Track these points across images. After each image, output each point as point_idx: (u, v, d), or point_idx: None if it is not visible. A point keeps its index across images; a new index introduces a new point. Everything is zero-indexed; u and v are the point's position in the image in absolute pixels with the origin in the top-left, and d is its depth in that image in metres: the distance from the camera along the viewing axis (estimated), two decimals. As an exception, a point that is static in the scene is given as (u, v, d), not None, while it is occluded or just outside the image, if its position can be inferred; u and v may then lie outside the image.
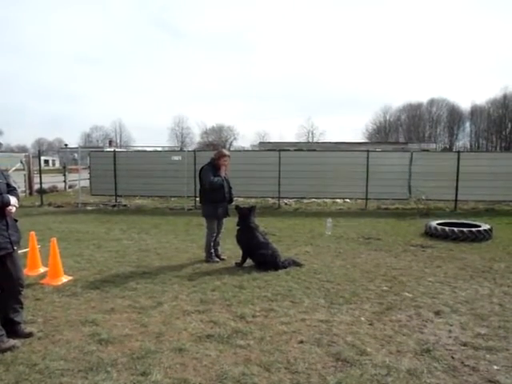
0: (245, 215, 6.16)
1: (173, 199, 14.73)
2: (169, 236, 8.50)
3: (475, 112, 72.28)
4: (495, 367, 3.13)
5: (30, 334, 3.61)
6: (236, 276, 5.53)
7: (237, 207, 6.36)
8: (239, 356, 3.28)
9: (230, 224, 6.39)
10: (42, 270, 5.68)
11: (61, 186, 19.56)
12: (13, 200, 3.47)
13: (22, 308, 3.73)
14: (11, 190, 3.61)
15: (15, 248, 3.57)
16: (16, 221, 3.65)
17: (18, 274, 3.63)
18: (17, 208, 3.54)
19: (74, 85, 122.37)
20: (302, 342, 3.54)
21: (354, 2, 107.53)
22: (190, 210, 13.08)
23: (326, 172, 13.33)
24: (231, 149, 63.22)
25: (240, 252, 6.20)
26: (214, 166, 6.28)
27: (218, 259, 6.35)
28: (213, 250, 6.37)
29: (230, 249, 6.92)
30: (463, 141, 74.56)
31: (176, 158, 13.84)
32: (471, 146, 72.14)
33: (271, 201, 14.25)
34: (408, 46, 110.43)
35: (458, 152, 13.76)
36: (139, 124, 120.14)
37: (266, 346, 3.45)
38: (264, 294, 4.75)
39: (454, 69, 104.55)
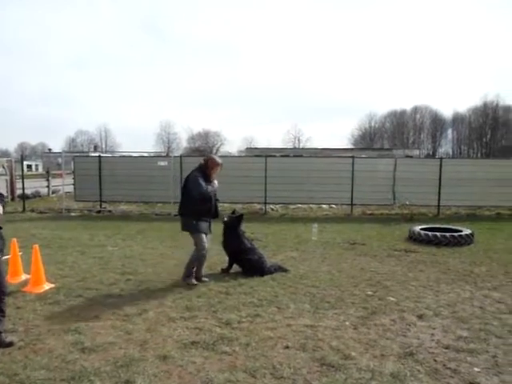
0: (233, 224, 6.11)
1: (159, 205, 14.62)
2: (154, 242, 8.43)
3: (457, 119, 73.91)
4: (476, 369, 3.19)
5: (10, 344, 3.52)
6: (222, 282, 5.51)
7: (224, 222, 6.10)
8: (224, 362, 3.27)
9: (217, 229, 6.37)
10: (24, 277, 5.57)
11: (44, 191, 19.23)
12: None
13: (3, 316, 3.64)
14: None
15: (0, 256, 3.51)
16: (0, 228, 3.59)
17: (1, 282, 3.57)
18: (1, 215, 3.47)
19: (58, 88, 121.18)
20: (287, 347, 3.55)
21: (339, 10, 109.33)
22: (176, 215, 12.96)
23: (312, 178, 13.42)
24: (218, 154, 63.27)
25: (226, 258, 6.19)
26: (204, 173, 5.50)
27: (195, 282, 5.44)
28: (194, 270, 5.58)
29: (215, 254, 6.90)
30: (445, 147, 76.20)
31: (162, 163, 13.78)
32: (453, 152, 73.64)
33: (257, 206, 14.27)
34: (393, 54, 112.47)
35: (441, 158, 14.05)
36: (125, 129, 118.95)
37: (251, 351, 3.45)
38: (250, 300, 4.75)
39: (436, 77, 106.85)
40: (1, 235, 3.56)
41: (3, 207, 3.50)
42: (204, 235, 5.54)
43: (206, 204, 5.49)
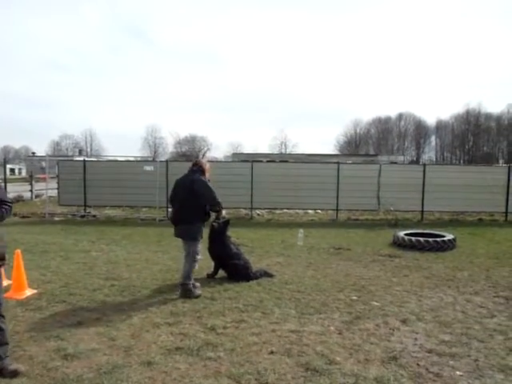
0: (219, 230, 6.06)
1: (144, 210, 14.50)
2: (139, 247, 8.36)
3: (440, 126, 75.49)
4: (458, 373, 3.24)
5: (14, 373, 3.07)
6: (207, 287, 5.49)
7: (212, 226, 5.99)
8: (209, 368, 3.26)
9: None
10: (6, 283, 5.43)
11: (27, 195, 18.87)
12: None
13: (3, 338, 3.17)
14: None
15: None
16: None
17: None
18: None
19: (42, 91, 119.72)
20: (272, 352, 3.55)
21: (325, 17, 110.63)
22: (162, 220, 12.90)
23: (298, 183, 13.49)
24: (204, 159, 63.06)
25: (212, 263, 6.17)
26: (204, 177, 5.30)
27: (200, 292, 5.20)
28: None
29: (201, 260, 6.87)
30: (429, 154, 77.63)
31: (148, 168, 13.68)
32: (436, 158, 75.06)
33: (244, 211, 14.26)
34: (378, 61, 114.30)
35: (424, 165, 14.30)
36: (111, 133, 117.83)
37: (236, 357, 3.44)
38: (235, 305, 4.74)
39: (420, 85, 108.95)
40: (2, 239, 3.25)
41: (7, 212, 3.19)
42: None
43: (211, 210, 5.35)
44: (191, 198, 5.10)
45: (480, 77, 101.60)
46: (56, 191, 15.06)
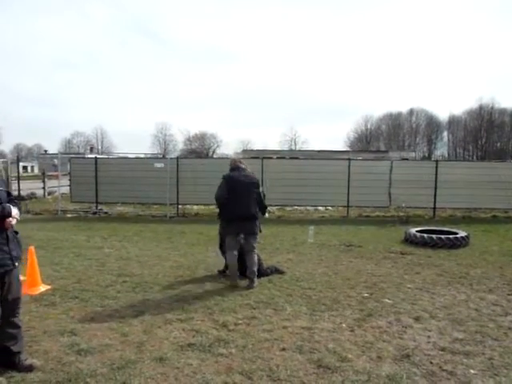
0: None
1: (155, 206, 14.59)
2: (151, 244, 8.42)
3: (453, 122, 74.31)
4: (472, 371, 3.21)
5: (29, 367, 3.12)
6: (218, 284, 5.51)
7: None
8: (221, 364, 3.27)
9: (213, 232, 6.36)
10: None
11: (40, 192, 19.13)
12: (14, 211, 3.06)
13: (19, 335, 3.22)
14: (11, 199, 3.22)
15: (16, 264, 3.15)
16: (17, 233, 3.23)
17: (16, 294, 3.19)
18: (18, 221, 3.13)
19: (54, 90, 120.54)
20: (284, 349, 3.55)
21: (336, 13, 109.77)
22: (172, 217, 12.98)
23: (309, 180, 13.42)
24: (214, 156, 63.17)
25: (223, 260, 6.18)
26: None
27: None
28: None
29: (213, 256, 6.90)
30: (441, 150, 76.53)
31: (159, 165, 13.75)
32: (449, 155, 74.01)
33: (254, 208, 14.24)
34: (389, 56, 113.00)
35: (436, 161, 14.14)
36: (121, 130, 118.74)
37: (248, 354, 3.45)
38: (246, 302, 4.75)
39: (432, 80, 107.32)
40: (18, 242, 3.23)
41: (20, 212, 3.19)
42: None
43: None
44: (258, 195, 5.60)
45: (493, 71, 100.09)
46: (68, 188, 15.23)
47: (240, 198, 5.45)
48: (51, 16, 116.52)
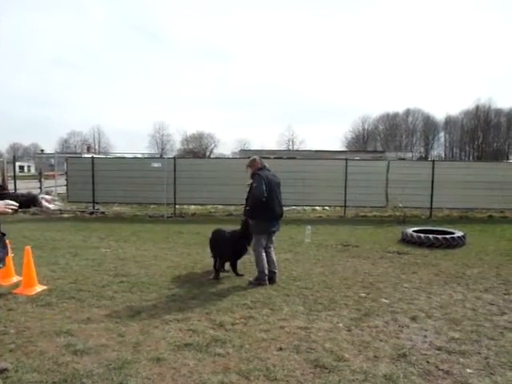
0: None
1: (152, 207, 14.56)
2: (147, 244, 8.40)
3: (449, 122, 74.56)
4: (468, 371, 3.22)
5: (4, 370, 3.09)
6: (215, 284, 5.51)
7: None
8: (218, 364, 3.26)
9: (210, 232, 6.36)
10: (16, 279, 5.52)
11: (36, 192, 19.05)
12: (6, 201, 2.87)
13: None
14: (5, 193, 3.09)
15: (0, 266, 3.10)
16: (3, 235, 3.14)
17: None
18: (14, 210, 2.91)
19: (50, 89, 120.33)
20: (281, 349, 3.55)
21: (333, 13, 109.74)
22: (170, 217, 12.96)
23: (306, 180, 13.45)
24: (211, 156, 63.14)
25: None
26: None
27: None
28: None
29: (209, 257, 6.89)
30: (438, 150, 76.73)
31: (156, 164, 13.73)
32: (445, 155, 74.23)
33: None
34: (386, 57, 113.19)
35: (433, 161, 14.18)
36: (119, 130, 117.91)
37: (245, 353, 3.45)
38: (243, 302, 4.75)
39: (429, 80, 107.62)
40: (4, 243, 3.15)
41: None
42: None
43: None
44: (281, 195, 5.71)
45: (490, 72, 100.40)
46: (65, 188, 15.18)
47: (275, 196, 5.59)
48: (48, 14, 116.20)
